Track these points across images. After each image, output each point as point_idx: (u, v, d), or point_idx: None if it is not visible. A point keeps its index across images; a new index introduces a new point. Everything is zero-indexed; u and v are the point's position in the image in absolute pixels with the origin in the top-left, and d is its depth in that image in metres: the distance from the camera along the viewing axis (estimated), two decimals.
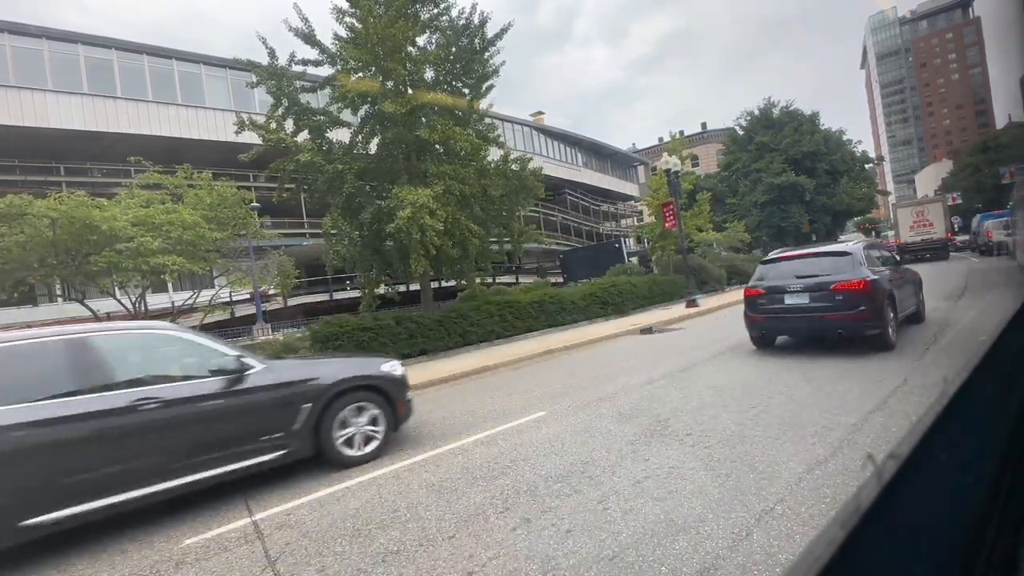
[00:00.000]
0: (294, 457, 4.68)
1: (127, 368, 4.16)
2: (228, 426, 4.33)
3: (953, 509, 0.57)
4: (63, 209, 8.30)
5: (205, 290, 12.04)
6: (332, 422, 4.84)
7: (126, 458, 3.88)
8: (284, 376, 4.74)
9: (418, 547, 3.14)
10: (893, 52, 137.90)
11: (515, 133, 34.74)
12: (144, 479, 3.94)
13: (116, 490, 3.80)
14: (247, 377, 4.49)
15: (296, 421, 4.64)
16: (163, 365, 4.42)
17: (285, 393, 4.64)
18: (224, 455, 4.28)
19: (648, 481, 3.62)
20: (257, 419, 4.48)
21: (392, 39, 11.40)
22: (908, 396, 4.76)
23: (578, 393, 6.82)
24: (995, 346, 0.82)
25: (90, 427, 3.74)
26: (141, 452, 3.95)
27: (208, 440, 4.23)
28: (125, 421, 3.86)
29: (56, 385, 3.82)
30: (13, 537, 3.49)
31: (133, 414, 3.90)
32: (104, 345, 4.11)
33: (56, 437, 3.64)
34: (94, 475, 3.74)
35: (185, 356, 4.51)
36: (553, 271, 36.03)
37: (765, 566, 2.46)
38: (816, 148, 32.72)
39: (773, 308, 7.49)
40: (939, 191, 57.65)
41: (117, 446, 3.84)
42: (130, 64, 21.92)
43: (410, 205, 10.66)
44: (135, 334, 4.47)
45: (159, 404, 4.00)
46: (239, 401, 4.40)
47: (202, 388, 4.27)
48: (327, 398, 4.81)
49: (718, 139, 71.15)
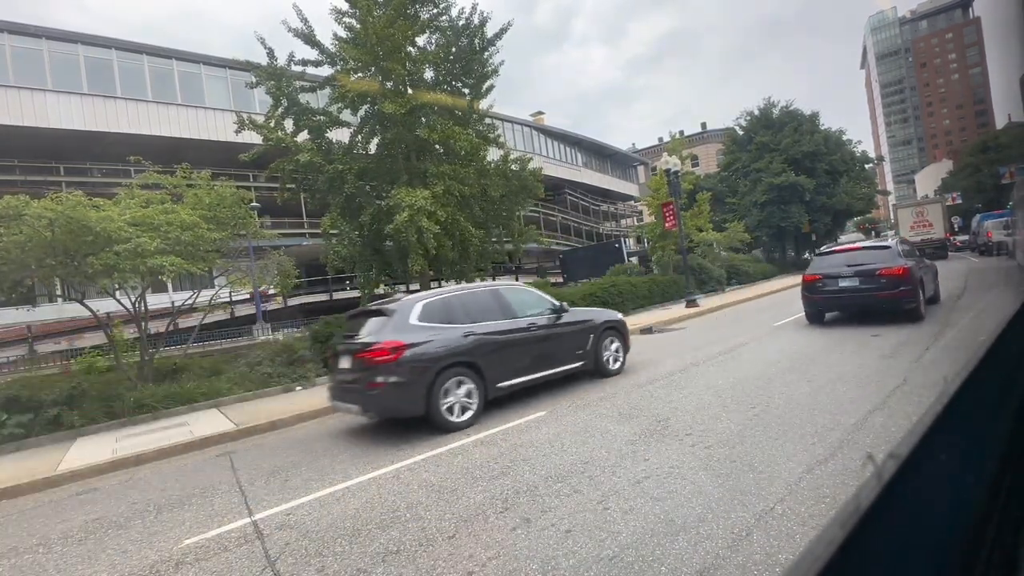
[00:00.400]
0: (585, 368, 7.37)
1: (516, 306, 6.92)
2: (563, 341, 7.10)
3: (953, 509, 0.57)
4: (60, 209, 8.28)
5: (205, 290, 12.02)
6: (600, 346, 7.56)
7: (526, 355, 6.64)
8: (579, 317, 7.50)
9: (418, 547, 3.14)
10: (893, 52, 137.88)
11: (515, 133, 34.73)
12: (535, 368, 6.70)
13: (523, 373, 6.54)
14: (564, 316, 7.21)
15: (588, 344, 7.39)
16: (528, 306, 7.07)
17: (582, 327, 7.37)
18: (563, 358, 7.07)
19: (648, 481, 3.62)
20: (572, 340, 7.22)
21: (391, 39, 11.39)
22: (908, 396, 4.76)
23: (578, 393, 6.82)
24: (995, 346, 0.82)
25: (512, 338, 6.53)
26: (533, 352, 6.72)
27: (556, 349, 7.01)
28: (526, 335, 6.67)
29: (492, 314, 6.58)
30: (494, 393, 6.23)
31: (528, 331, 6.70)
32: (504, 292, 7.11)
33: (498, 342, 6.36)
34: (514, 363, 6.48)
35: (535, 301, 7.28)
36: (553, 271, 36.00)
37: (765, 566, 2.46)
38: (816, 148, 32.68)
39: (829, 290, 9.33)
40: (939, 191, 57.66)
41: (522, 349, 6.61)
42: (130, 64, 21.90)
43: (407, 208, 10.66)
44: (516, 287, 7.96)
45: (536, 327, 6.81)
46: (564, 329, 7.14)
47: (549, 320, 7.02)
48: (599, 331, 7.55)
49: (718, 139, 71.14)
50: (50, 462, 6.58)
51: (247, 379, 10.15)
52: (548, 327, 6.93)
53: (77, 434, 8.10)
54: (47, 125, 19.72)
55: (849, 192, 34.09)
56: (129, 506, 4.78)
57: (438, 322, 6.12)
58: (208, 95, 23.64)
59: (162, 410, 8.79)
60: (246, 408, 8.82)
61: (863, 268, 8.94)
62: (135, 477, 5.85)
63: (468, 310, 6.46)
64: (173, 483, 5.35)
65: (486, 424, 5.83)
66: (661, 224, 21.27)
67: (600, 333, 7.54)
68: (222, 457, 6.17)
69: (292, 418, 7.61)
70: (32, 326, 17.73)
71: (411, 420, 5.86)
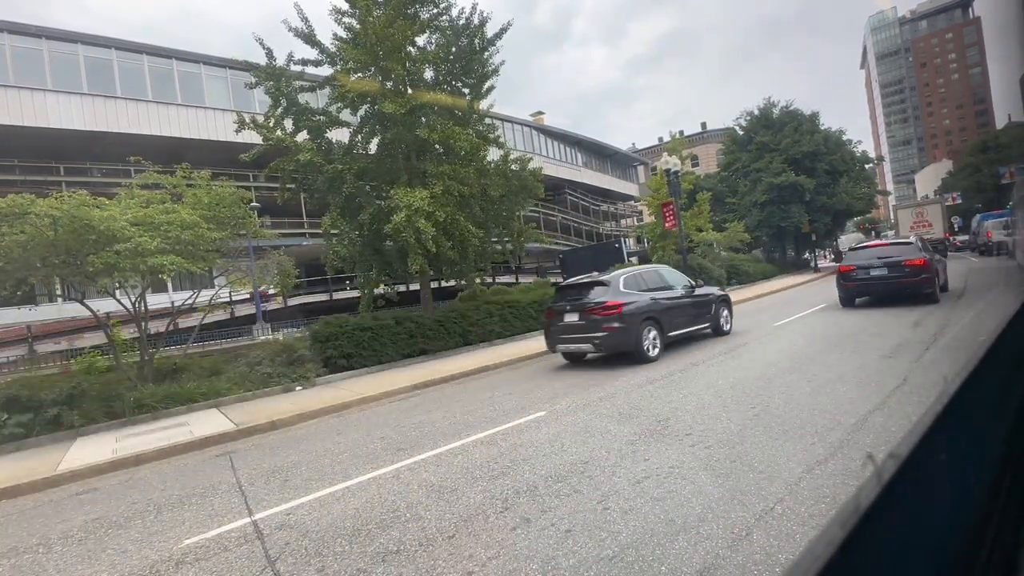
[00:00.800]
0: (710, 328, 9.99)
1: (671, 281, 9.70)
2: (699, 308, 9.72)
3: (953, 509, 0.57)
4: (65, 208, 8.28)
5: (205, 290, 12.02)
6: (718, 313, 10.13)
7: (681, 315, 9.23)
8: (704, 291, 10.12)
9: (418, 547, 3.14)
10: (893, 52, 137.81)
11: (515, 133, 34.71)
12: (685, 325, 9.31)
13: (680, 328, 9.14)
14: (697, 290, 9.88)
15: (711, 311, 10.01)
16: (677, 282, 9.76)
17: (706, 298, 10.00)
18: (698, 320, 9.66)
19: (648, 481, 3.62)
20: (703, 307, 9.85)
21: (391, 39, 11.39)
22: (908, 396, 4.76)
23: (578, 393, 6.82)
24: (995, 346, 0.82)
25: (673, 303, 9.13)
26: (684, 314, 9.30)
27: (694, 312, 9.60)
28: (680, 302, 9.31)
29: (659, 286, 9.26)
30: (666, 339, 8.75)
31: (680, 299, 9.33)
32: (663, 271, 10.03)
33: (667, 305, 8.96)
34: (675, 320, 9.02)
35: (680, 279, 10.00)
36: (553, 271, 35.98)
37: (765, 566, 2.46)
38: (816, 148, 32.62)
39: (861, 278, 11.32)
40: (939, 191, 57.67)
41: (679, 311, 9.19)
42: (130, 64, 21.89)
43: (405, 208, 10.66)
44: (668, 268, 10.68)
45: (683, 296, 9.47)
46: (698, 299, 9.77)
47: (687, 292, 9.65)
48: (717, 302, 10.20)
49: (718, 139, 71.10)
50: (50, 462, 6.58)
51: (247, 379, 10.15)
52: (690, 297, 9.64)
53: (77, 434, 8.10)
54: (47, 125, 19.71)
55: (849, 192, 34.04)
56: (129, 506, 4.78)
57: (635, 290, 8.88)
58: (208, 95, 23.62)
59: (162, 410, 8.79)
60: (246, 408, 8.82)
61: (890, 260, 10.91)
62: (135, 477, 5.85)
63: (647, 282, 9.23)
64: (173, 483, 5.35)
65: (486, 424, 5.85)
66: (661, 224, 21.28)
67: (717, 303, 10.19)
68: (222, 457, 6.17)
69: (292, 418, 7.61)
70: (32, 326, 17.72)
71: (414, 420, 5.85)
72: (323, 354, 11.07)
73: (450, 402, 7.54)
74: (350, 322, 11.63)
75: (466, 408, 6.90)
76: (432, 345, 12.60)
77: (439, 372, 10.01)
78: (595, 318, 8.39)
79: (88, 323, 15.78)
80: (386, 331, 11.84)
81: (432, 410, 7.08)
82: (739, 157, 36.27)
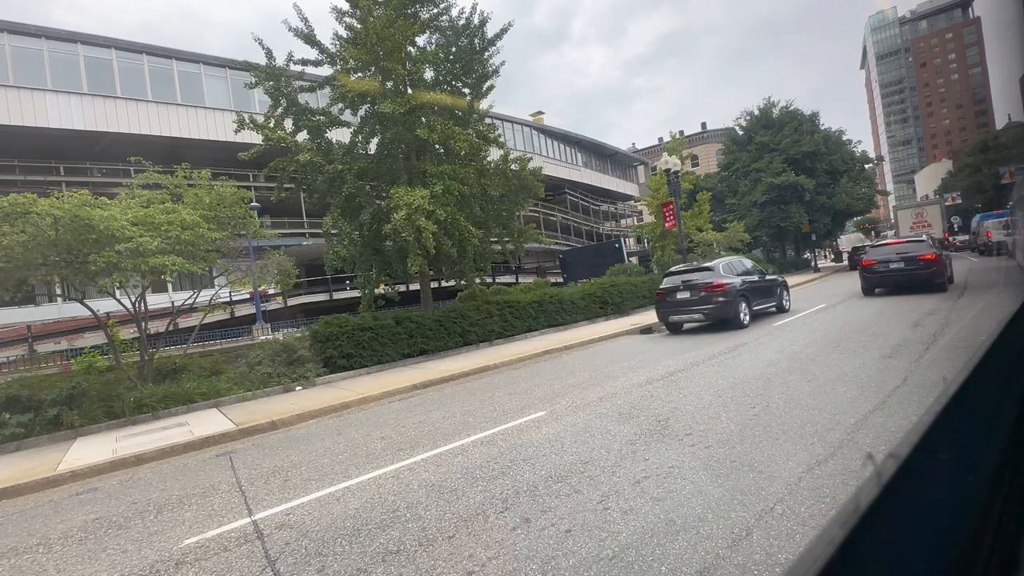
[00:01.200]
0: (774, 308, 12.37)
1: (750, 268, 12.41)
2: (769, 289, 12.30)
3: (953, 509, 0.57)
4: (66, 208, 8.28)
5: (205, 290, 12.02)
6: (781, 295, 12.70)
7: (759, 294, 11.89)
8: (771, 276, 12.81)
9: (418, 547, 3.14)
10: (893, 52, 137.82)
11: (515, 133, 34.71)
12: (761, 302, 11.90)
13: (758, 304, 11.72)
14: (767, 275, 12.67)
15: (777, 292, 12.53)
16: (753, 269, 12.42)
17: (773, 282, 12.61)
18: (768, 299, 12.20)
19: (648, 481, 3.62)
20: (772, 289, 12.41)
21: (392, 39, 11.38)
22: (908, 396, 4.76)
23: (578, 393, 6.82)
24: (995, 346, 0.82)
25: (755, 284, 11.83)
26: (761, 293, 11.98)
27: (767, 292, 12.21)
28: (758, 284, 12.01)
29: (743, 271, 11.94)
30: (752, 312, 11.35)
31: (758, 282, 12.04)
32: (744, 260, 12.81)
33: (751, 286, 11.66)
34: (756, 298, 11.68)
35: (754, 267, 12.65)
36: (553, 271, 36.02)
37: (765, 566, 2.46)
38: (816, 148, 32.63)
39: (881, 271, 13.25)
40: (939, 191, 57.71)
41: (758, 291, 11.86)
42: (130, 64, 21.90)
43: (405, 207, 10.66)
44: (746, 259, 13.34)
45: (758, 280, 12.08)
46: (768, 283, 12.37)
47: (761, 277, 12.28)
48: (780, 286, 12.78)
49: (718, 139, 71.09)
50: (50, 462, 6.58)
51: (247, 379, 10.15)
52: (763, 281, 12.33)
53: (77, 434, 8.10)
54: (47, 125, 19.72)
55: (849, 192, 34.06)
56: (129, 506, 4.78)
57: (731, 274, 11.50)
58: (208, 95, 23.63)
59: (162, 410, 8.79)
60: (246, 408, 8.82)
61: (907, 255, 12.81)
62: (135, 477, 5.85)
63: (736, 269, 11.86)
64: (173, 483, 5.35)
65: (486, 424, 5.86)
66: (661, 224, 21.28)
67: (781, 287, 12.88)
68: (222, 457, 6.17)
69: (292, 418, 7.61)
70: (32, 326, 17.73)
71: (415, 419, 5.84)
72: (323, 354, 11.07)
73: (450, 402, 7.55)
74: (350, 322, 11.63)
75: (466, 408, 6.90)
76: (432, 345, 12.60)
77: (439, 372, 10.01)
78: (705, 294, 11.03)
79: (88, 323, 15.77)
80: (386, 331, 11.84)
81: (432, 410, 7.08)
82: (739, 157, 36.27)
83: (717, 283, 10.95)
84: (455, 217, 11.98)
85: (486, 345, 13.53)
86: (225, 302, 15.74)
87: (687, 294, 11.28)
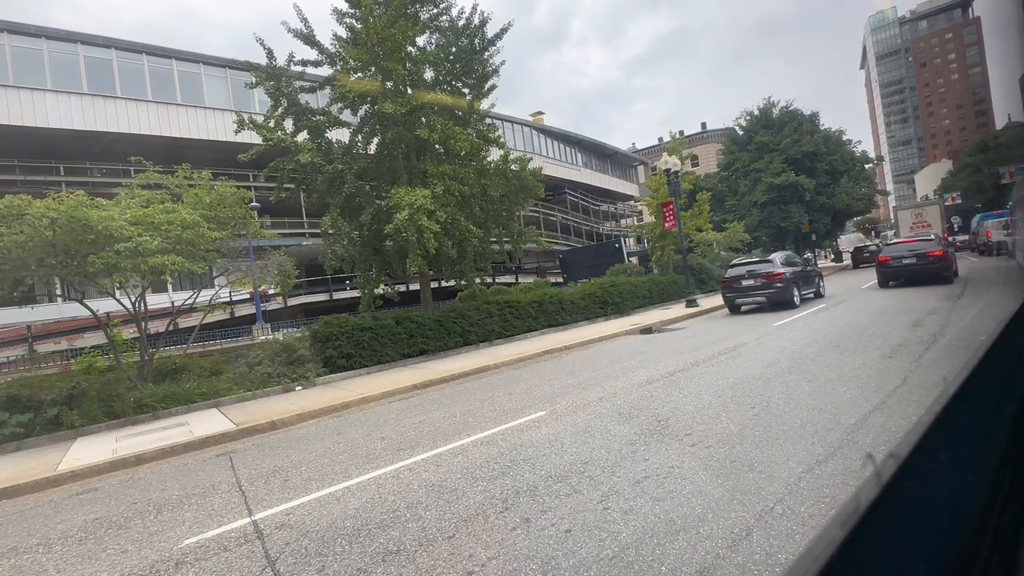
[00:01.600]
0: (812, 294, 14.81)
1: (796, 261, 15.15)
2: (809, 278, 14.87)
3: (953, 509, 0.57)
4: (62, 209, 8.27)
5: (205, 290, 12.02)
6: (819, 283, 15.49)
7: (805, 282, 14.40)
8: (811, 268, 15.84)
9: (418, 547, 3.14)
10: (893, 52, 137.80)
11: (515, 133, 34.70)
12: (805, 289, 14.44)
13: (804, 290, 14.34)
14: (807, 267, 15.45)
15: (816, 280, 15.34)
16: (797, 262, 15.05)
17: (812, 272, 15.45)
18: (809, 286, 14.68)
19: (648, 481, 3.62)
20: (812, 279, 15.12)
21: (392, 39, 11.38)
22: (908, 396, 4.76)
23: (578, 393, 6.82)
24: (995, 346, 0.82)
25: (801, 274, 14.31)
26: (806, 281, 14.52)
27: (809, 281, 14.82)
28: (803, 273, 14.51)
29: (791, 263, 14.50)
30: (800, 297, 13.89)
31: (803, 271, 14.60)
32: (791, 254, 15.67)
33: (800, 275, 14.16)
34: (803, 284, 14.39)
35: (799, 259, 15.68)
36: (553, 271, 36.00)
37: (765, 566, 2.46)
38: (816, 148, 32.62)
39: (895, 265, 14.96)
40: (939, 191, 57.70)
41: (804, 279, 14.42)
42: (130, 64, 21.88)
43: (407, 207, 10.65)
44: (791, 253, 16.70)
45: (802, 270, 14.61)
46: (809, 273, 15.05)
47: (804, 268, 14.97)
48: (817, 275, 15.69)
49: (718, 139, 71.10)
50: (50, 462, 6.58)
51: (247, 379, 10.15)
52: (805, 271, 14.61)
53: (77, 434, 8.10)
54: (47, 125, 19.70)
55: (849, 192, 34.05)
56: (129, 506, 4.78)
57: (785, 265, 13.71)
58: (208, 95, 23.62)
59: (162, 410, 8.79)
60: (246, 408, 8.82)
61: (918, 252, 14.56)
62: (135, 477, 5.85)
63: (787, 261, 14.15)
64: (173, 483, 5.35)
65: (486, 424, 5.86)
66: (661, 224, 21.27)
67: (818, 276, 15.48)
68: (222, 457, 6.16)
69: (292, 418, 7.61)
70: (32, 326, 17.73)
71: (417, 419, 5.84)
72: (323, 354, 11.07)
73: (450, 402, 7.55)
74: (350, 322, 11.63)
75: (466, 408, 6.90)
76: (432, 345, 12.60)
77: (439, 372, 10.02)
78: (766, 282, 13.40)
79: (88, 323, 15.77)
80: (386, 331, 11.84)
81: (432, 410, 7.08)
82: (739, 157, 36.25)
83: (776, 272, 13.35)
84: (455, 217, 11.99)
85: (486, 345, 13.53)
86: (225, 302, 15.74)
87: (751, 281, 13.66)
